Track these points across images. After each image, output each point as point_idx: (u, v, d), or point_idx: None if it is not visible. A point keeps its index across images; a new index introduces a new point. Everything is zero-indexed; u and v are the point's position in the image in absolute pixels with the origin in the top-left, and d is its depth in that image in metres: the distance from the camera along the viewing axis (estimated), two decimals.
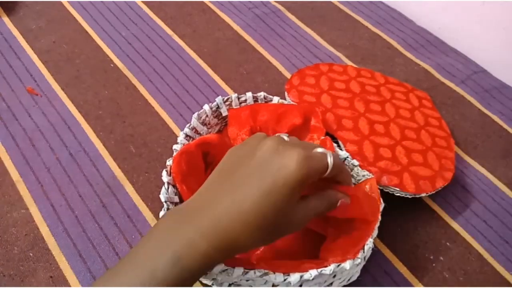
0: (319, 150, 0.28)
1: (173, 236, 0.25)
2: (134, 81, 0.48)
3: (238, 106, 0.40)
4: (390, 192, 0.38)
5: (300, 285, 0.30)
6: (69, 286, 0.34)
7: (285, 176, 0.26)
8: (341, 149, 0.39)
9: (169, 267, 0.24)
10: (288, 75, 0.51)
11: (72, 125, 0.44)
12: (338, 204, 0.30)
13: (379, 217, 0.33)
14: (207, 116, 0.39)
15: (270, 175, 0.26)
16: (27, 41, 0.50)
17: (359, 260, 0.30)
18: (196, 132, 0.38)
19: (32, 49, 0.50)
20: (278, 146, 0.27)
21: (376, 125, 0.42)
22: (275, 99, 0.41)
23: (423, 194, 0.38)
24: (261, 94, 0.41)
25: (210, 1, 0.58)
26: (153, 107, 0.46)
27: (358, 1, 0.61)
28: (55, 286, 0.34)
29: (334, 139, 0.40)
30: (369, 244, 0.31)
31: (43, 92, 0.46)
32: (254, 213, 0.25)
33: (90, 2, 0.55)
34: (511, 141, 0.47)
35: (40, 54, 0.49)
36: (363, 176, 0.37)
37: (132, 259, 0.25)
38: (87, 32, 0.52)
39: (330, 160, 0.28)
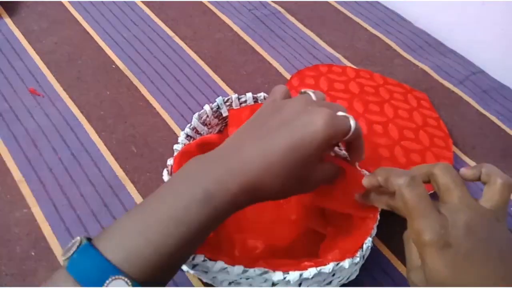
0: (341, 113, 0.29)
1: (204, 174, 0.26)
2: (136, 81, 0.48)
3: (239, 107, 0.41)
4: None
5: (300, 284, 0.30)
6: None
7: (313, 133, 0.26)
8: (340, 149, 0.39)
9: (202, 203, 0.24)
10: (287, 76, 0.51)
11: (74, 125, 0.44)
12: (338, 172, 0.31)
13: (378, 216, 0.33)
14: (207, 116, 0.39)
15: (298, 130, 0.26)
16: (29, 42, 0.51)
17: (358, 259, 0.31)
18: (197, 132, 0.39)
19: (34, 50, 0.50)
20: (307, 105, 0.28)
21: (374, 125, 0.42)
22: None
23: None
24: (261, 95, 0.41)
25: (211, 3, 0.58)
26: (154, 108, 0.46)
27: (357, 3, 0.61)
28: None
29: None
30: (368, 243, 0.31)
31: (45, 93, 0.46)
32: (281, 164, 0.26)
33: (92, 3, 0.56)
34: (509, 142, 0.48)
35: (42, 55, 0.50)
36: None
37: (163, 195, 0.25)
38: (88, 33, 0.53)
39: (352, 122, 0.28)
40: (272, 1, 0.60)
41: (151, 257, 0.23)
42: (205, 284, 0.35)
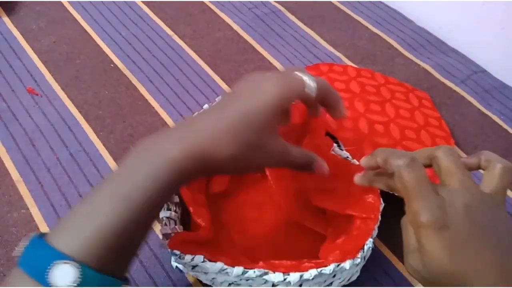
0: (297, 73, 0.28)
1: (150, 148, 0.25)
2: (134, 81, 0.48)
3: None
4: (390, 192, 0.38)
5: (300, 285, 0.30)
6: None
7: (262, 95, 0.26)
8: (341, 149, 0.39)
9: (147, 176, 0.24)
10: None
11: (72, 125, 0.44)
12: (314, 167, 0.30)
13: (379, 217, 0.33)
14: None
15: (248, 98, 0.27)
16: (27, 41, 0.50)
17: (358, 260, 0.31)
18: None
19: (32, 49, 0.50)
20: (257, 75, 0.28)
21: (376, 125, 0.42)
22: None
23: None
24: None
25: (210, 2, 0.58)
26: (153, 107, 0.46)
27: (358, 1, 0.61)
28: None
29: (334, 139, 0.40)
30: (368, 244, 0.31)
31: (43, 92, 0.46)
32: (230, 130, 0.26)
33: (90, 2, 0.55)
34: (511, 141, 0.47)
35: (40, 54, 0.49)
36: None
37: (111, 175, 0.25)
38: (87, 32, 0.52)
39: (306, 78, 0.28)
40: (273, 0, 0.59)
41: (102, 240, 0.22)
42: (204, 285, 0.34)
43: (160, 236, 0.32)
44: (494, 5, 0.53)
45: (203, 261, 0.29)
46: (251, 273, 0.29)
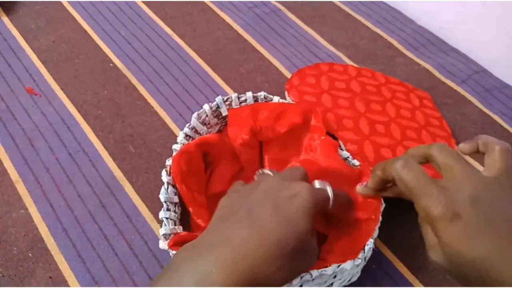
0: (318, 184, 0.29)
1: (190, 271, 0.23)
2: (134, 80, 0.48)
3: (238, 106, 0.40)
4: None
5: (301, 285, 0.29)
6: (69, 286, 0.34)
7: (301, 203, 0.26)
8: (341, 149, 0.39)
9: None
10: (288, 74, 0.50)
11: (71, 125, 0.43)
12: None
13: (380, 217, 0.32)
14: (207, 115, 0.39)
15: (284, 203, 0.26)
16: (26, 41, 0.50)
17: (359, 261, 0.30)
18: (196, 132, 0.38)
19: (31, 48, 0.50)
20: (281, 180, 0.28)
21: (376, 125, 0.42)
22: (275, 99, 0.41)
23: None
24: (261, 94, 0.40)
25: (210, 1, 0.58)
26: (152, 107, 0.46)
27: (358, 1, 0.60)
28: (55, 286, 0.34)
29: (335, 139, 0.40)
30: (369, 244, 0.31)
31: (42, 92, 0.46)
32: (275, 238, 0.24)
33: (90, 1, 0.55)
34: None
35: (39, 53, 0.49)
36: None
37: None
38: (86, 31, 0.52)
39: (330, 191, 0.29)
40: None
41: None
42: None
43: (160, 237, 0.32)
44: (495, 4, 0.53)
45: None
46: None
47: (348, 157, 0.37)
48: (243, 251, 0.24)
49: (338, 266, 0.29)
